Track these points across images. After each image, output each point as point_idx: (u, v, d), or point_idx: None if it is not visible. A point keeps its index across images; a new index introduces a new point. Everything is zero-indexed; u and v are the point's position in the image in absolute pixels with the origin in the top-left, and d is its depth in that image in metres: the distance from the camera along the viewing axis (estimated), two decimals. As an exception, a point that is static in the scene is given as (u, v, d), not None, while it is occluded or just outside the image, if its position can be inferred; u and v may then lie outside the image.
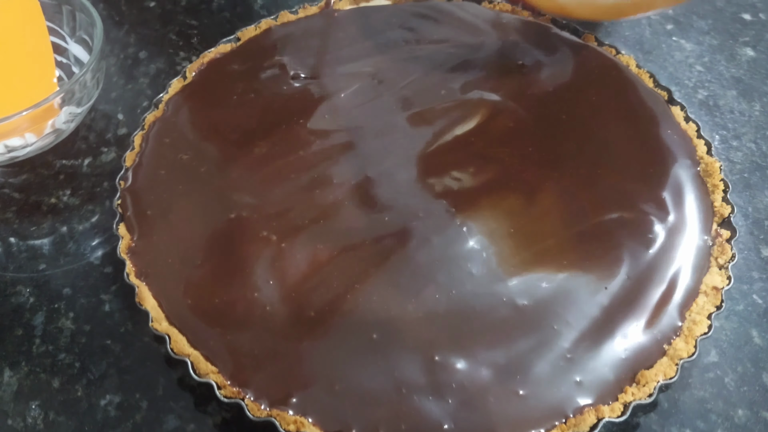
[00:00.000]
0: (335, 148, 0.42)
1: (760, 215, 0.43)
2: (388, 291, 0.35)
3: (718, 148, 0.47)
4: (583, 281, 0.36)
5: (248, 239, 0.38)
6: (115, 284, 0.40)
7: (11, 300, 0.39)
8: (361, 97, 0.46)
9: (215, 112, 0.44)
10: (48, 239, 0.42)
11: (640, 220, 0.39)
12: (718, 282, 0.36)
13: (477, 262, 0.37)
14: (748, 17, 0.57)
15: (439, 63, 0.48)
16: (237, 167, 0.41)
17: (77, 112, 0.43)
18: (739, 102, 0.50)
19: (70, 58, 0.48)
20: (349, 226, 0.38)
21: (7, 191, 0.44)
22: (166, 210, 0.39)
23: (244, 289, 0.35)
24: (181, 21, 0.55)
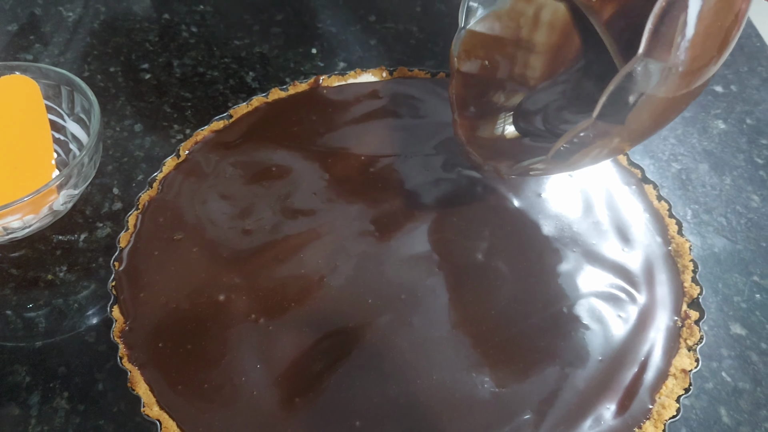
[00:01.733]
0: (322, 227, 0.44)
1: (730, 291, 0.45)
2: (371, 376, 0.37)
3: (691, 223, 0.49)
4: (558, 364, 0.38)
5: (236, 322, 0.39)
6: (108, 363, 0.41)
7: (8, 379, 0.40)
8: (349, 173, 0.48)
9: (207, 190, 0.46)
10: (44, 316, 0.44)
11: (612, 301, 0.41)
12: (687, 364, 0.38)
13: (456, 346, 0.38)
14: (720, 89, 0.59)
15: (422, 139, 0.50)
16: (227, 248, 0.43)
17: (75, 194, 0.45)
18: (711, 176, 0.52)
19: (67, 136, 0.50)
20: (334, 309, 0.40)
21: (5, 266, 0.46)
22: (159, 292, 0.41)
23: (232, 374, 0.37)
24: (176, 93, 0.58)
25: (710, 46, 0.33)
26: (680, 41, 0.32)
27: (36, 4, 0.67)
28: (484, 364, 0.38)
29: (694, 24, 0.32)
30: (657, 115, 0.36)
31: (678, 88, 0.34)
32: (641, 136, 0.38)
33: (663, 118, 0.37)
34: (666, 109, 0.36)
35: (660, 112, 0.36)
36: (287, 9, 0.67)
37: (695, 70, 0.34)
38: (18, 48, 0.62)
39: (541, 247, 0.44)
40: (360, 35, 0.64)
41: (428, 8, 0.68)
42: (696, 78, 0.34)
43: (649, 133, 0.38)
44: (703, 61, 0.34)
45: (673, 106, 0.36)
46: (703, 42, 0.33)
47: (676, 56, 0.32)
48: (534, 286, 0.41)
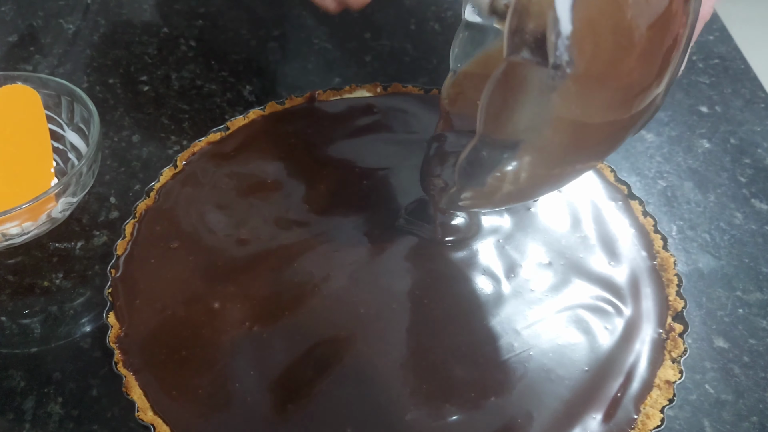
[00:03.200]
0: (316, 238, 0.45)
1: (713, 305, 0.46)
2: (363, 384, 0.38)
3: (675, 239, 0.50)
4: (544, 373, 0.39)
5: (231, 329, 0.40)
6: (103, 369, 0.42)
7: (3, 384, 0.41)
8: (343, 185, 0.49)
9: (203, 200, 0.47)
10: (40, 322, 0.44)
11: (599, 313, 0.42)
12: (671, 376, 0.39)
13: (448, 355, 0.39)
14: (705, 110, 0.61)
15: (416, 153, 0.51)
16: (222, 256, 0.44)
17: (73, 202, 0.46)
18: (695, 193, 0.54)
19: (66, 145, 0.50)
20: (326, 318, 0.41)
21: (2, 273, 0.47)
22: (155, 299, 0.41)
23: (226, 380, 0.38)
24: (174, 105, 0.58)
25: (613, 44, 0.30)
26: (555, 39, 0.29)
27: (36, 16, 0.68)
28: (474, 373, 0.38)
29: (569, 18, 0.29)
30: (568, 131, 0.33)
31: (578, 96, 0.31)
32: (563, 159, 0.35)
33: (581, 136, 0.34)
34: (579, 123, 0.33)
35: (572, 128, 0.33)
36: (284, 24, 0.68)
37: (598, 74, 0.31)
38: (18, 59, 0.63)
39: (529, 259, 0.45)
40: (355, 52, 0.66)
41: (422, 26, 0.69)
42: (606, 85, 0.31)
43: (572, 155, 0.36)
44: (608, 63, 0.31)
45: (590, 122, 0.33)
46: (597, 40, 0.30)
47: (557, 57, 0.29)
48: (523, 297, 0.42)
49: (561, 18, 0.29)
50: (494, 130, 0.33)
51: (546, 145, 0.34)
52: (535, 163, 0.35)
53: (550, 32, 0.29)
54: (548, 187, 0.41)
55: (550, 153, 0.35)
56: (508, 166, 0.35)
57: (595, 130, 0.34)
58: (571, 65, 0.29)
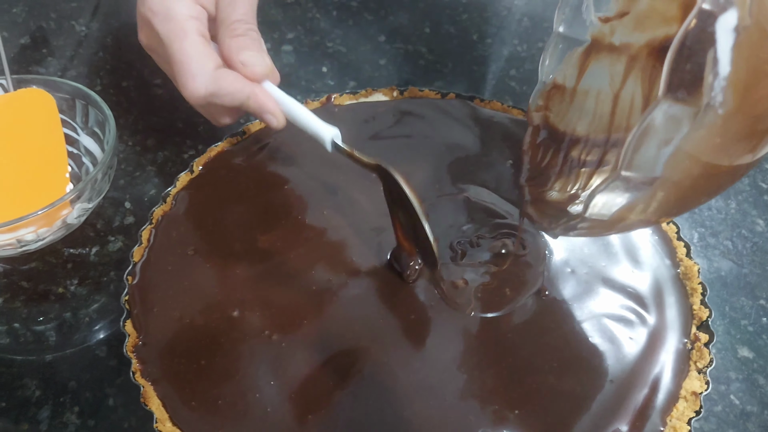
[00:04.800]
0: (333, 245, 0.44)
1: (737, 314, 0.46)
2: (384, 394, 0.37)
3: (697, 246, 0.49)
4: (569, 385, 0.38)
5: (250, 338, 0.39)
6: (119, 378, 0.41)
7: (18, 393, 0.40)
8: (358, 191, 0.48)
9: (220, 206, 0.47)
10: (54, 329, 0.44)
11: (623, 322, 0.41)
12: (697, 387, 0.38)
13: (469, 367, 0.38)
14: (725, 114, 0.60)
15: (434, 158, 0.51)
16: (240, 263, 0.43)
17: (88, 207, 0.45)
18: (717, 200, 0.53)
19: (81, 149, 0.50)
20: (346, 326, 0.40)
21: (16, 279, 0.46)
22: (172, 307, 0.41)
23: (246, 390, 0.37)
24: (188, 109, 0.57)
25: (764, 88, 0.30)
26: (713, 80, 0.29)
27: (48, 18, 0.67)
28: (498, 384, 0.38)
29: (729, 60, 0.29)
30: (704, 169, 0.33)
31: (725, 134, 0.31)
32: (692, 195, 0.35)
33: (713, 175, 0.34)
34: (714, 162, 0.33)
35: (708, 167, 0.33)
36: (298, 28, 0.68)
37: (749, 114, 0.30)
38: (30, 61, 0.62)
39: (553, 269, 0.44)
40: (370, 55, 0.65)
41: (437, 29, 0.68)
42: (758, 124, 0.31)
43: (702, 192, 0.35)
44: (756, 107, 0.30)
45: (724, 161, 0.33)
46: (752, 81, 0.29)
47: (711, 98, 0.29)
48: (545, 307, 0.42)
49: (721, 59, 0.29)
50: (637, 168, 0.33)
51: (682, 181, 0.34)
52: (667, 198, 0.35)
53: (708, 72, 0.29)
54: (668, 218, 0.40)
55: (684, 189, 0.34)
56: (640, 201, 0.35)
57: (726, 170, 0.34)
58: (723, 106, 0.29)
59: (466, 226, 0.46)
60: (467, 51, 0.67)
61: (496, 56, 0.66)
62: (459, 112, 0.54)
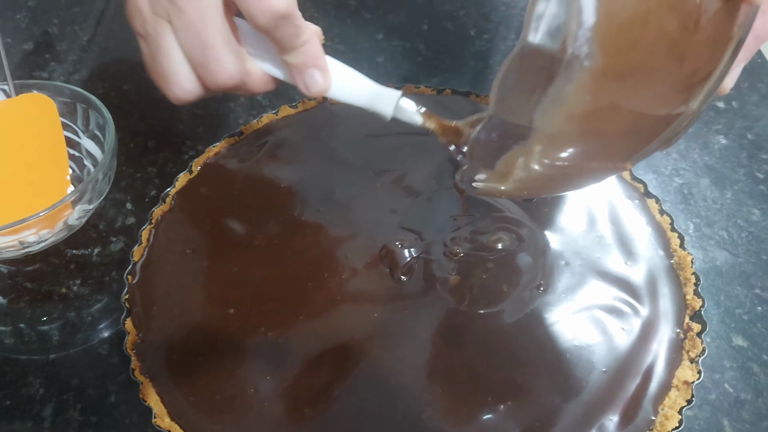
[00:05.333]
0: (329, 241, 0.45)
1: (732, 303, 0.46)
2: (379, 388, 0.38)
3: (693, 237, 0.50)
4: (562, 375, 0.39)
5: (246, 335, 0.40)
6: (121, 375, 0.42)
7: (22, 391, 0.41)
8: (355, 189, 0.49)
9: (218, 205, 0.47)
10: (58, 329, 0.44)
11: (616, 313, 0.42)
12: (689, 376, 0.39)
13: (463, 359, 0.39)
14: (722, 105, 0.60)
15: (430, 154, 0.51)
16: (237, 261, 0.44)
17: (89, 209, 0.46)
18: (712, 190, 0.53)
19: (82, 152, 0.51)
20: (340, 322, 0.41)
21: (20, 280, 0.47)
22: (171, 305, 0.42)
23: (243, 385, 0.38)
24: (188, 110, 0.59)
25: (636, 42, 0.29)
26: (576, 30, 0.28)
27: (51, 23, 0.69)
28: (492, 376, 0.38)
29: (594, 10, 0.28)
30: (580, 125, 0.32)
31: (592, 91, 0.30)
32: (574, 152, 0.34)
33: (594, 132, 0.33)
34: (591, 118, 0.32)
35: (584, 122, 0.32)
36: (296, 27, 0.68)
37: (617, 71, 0.29)
38: (33, 66, 0.64)
39: (548, 261, 0.44)
40: (368, 53, 0.66)
41: (435, 26, 0.69)
42: (624, 84, 0.30)
43: (584, 151, 0.34)
44: (628, 61, 0.29)
45: (603, 120, 0.32)
46: (620, 35, 0.28)
47: (575, 48, 0.28)
48: (539, 299, 0.42)
49: (584, 8, 0.27)
50: (505, 112, 0.33)
51: (557, 136, 0.33)
52: (546, 153, 0.34)
53: (571, 21, 0.28)
54: (564, 182, 0.39)
55: (561, 144, 0.33)
56: (519, 152, 0.34)
57: (610, 128, 0.33)
58: (589, 58, 0.28)
59: (463, 220, 0.47)
60: (465, 47, 0.67)
61: (494, 51, 0.67)
62: (455, 108, 0.55)
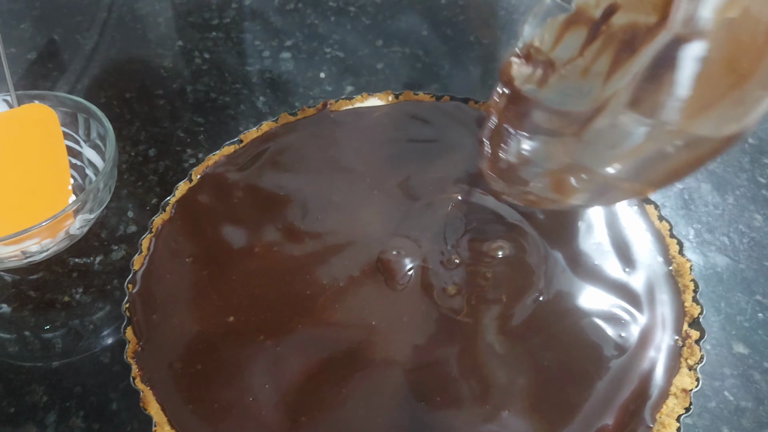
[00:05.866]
0: (327, 249, 0.45)
1: (732, 310, 0.46)
2: (376, 396, 0.38)
3: (693, 243, 0.50)
4: (559, 383, 0.39)
5: (246, 343, 0.40)
6: (122, 382, 0.42)
7: (26, 398, 0.42)
8: (354, 196, 0.49)
9: (218, 214, 0.48)
10: (61, 336, 0.45)
11: (614, 321, 0.41)
12: (688, 384, 0.39)
13: (461, 369, 0.39)
14: (723, 109, 0.60)
15: (430, 161, 0.51)
16: (236, 269, 0.44)
17: (90, 218, 0.46)
18: (713, 195, 0.53)
19: (84, 161, 0.51)
20: (339, 330, 0.41)
21: (24, 288, 0.48)
22: (171, 314, 0.42)
23: (242, 394, 0.38)
24: (189, 118, 0.59)
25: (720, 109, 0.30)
26: (666, 100, 0.30)
27: (54, 33, 0.69)
28: (488, 386, 0.38)
29: (690, 86, 0.29)
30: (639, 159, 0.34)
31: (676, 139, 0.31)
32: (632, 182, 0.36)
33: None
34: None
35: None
36: (296, 35, 0.69)
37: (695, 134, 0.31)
38: (37, 76, 0.64)
39: (537, 266, 0.44)
40: (367, 59, 0.66)
41: (434, 32, 0.69)
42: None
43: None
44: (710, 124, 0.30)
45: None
46: (704, 106, 0.30)
47: (665, 115, 0.30)
48: (538, 307, 0.42)
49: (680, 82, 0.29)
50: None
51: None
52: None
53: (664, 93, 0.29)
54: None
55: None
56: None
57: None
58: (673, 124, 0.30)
59: (463, 228, 0.47)
60: (465, 53, 0.67)
61: (494, 57, 0.67)
62: (454, 114, 0.55)
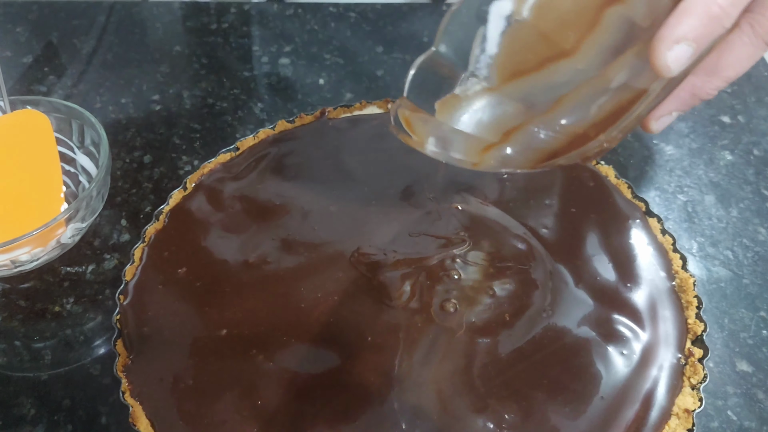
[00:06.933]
0: (323, 261, 0.44)
1: (736, 327, 0.45)
2: (370, 412, 0.37)
3: (696, 257, 0.49)
4: (559, 402, 0.38)
5: (237, 358, 0.39)
6: (112, 396, 0.41)
7: (14, 411, 0.41)
8: (351, 205, 0.48)
9: (212, 223, 0.47)
10: (51, 347, 0.44)
11: (615, 337, 0.41)
12: (690, 404, 0.38)
13: (458, 386, 0.38)
14: (727, 120, 0.59)
15: (430, 170, 0.50)
16: (229, 281, 0.43)
17: (82, 227, 0.46)
18: (717, 208, 0.52)
19: (77, 168, 0.50)
20: (333, 345, 0.40)
21: (14, 297, 0.47)
22: (162, 326, 0.41)
23: (233, 410, 0.37)
24: (185, 124, 0.58)
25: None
26: (479, 54, 0.33)
27: (51, 37, 0.68)
28: (487, 404, 0.37)
29: (497, 43, 0.32)
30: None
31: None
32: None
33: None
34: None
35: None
36: (295, 40, 0.68)
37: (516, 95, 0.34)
38: (32, 80, 0.63)
39: (543, 283, 0.43)
40: (367, 66, 0.65)
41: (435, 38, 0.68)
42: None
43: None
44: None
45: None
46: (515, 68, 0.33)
47: (476, 68, 0.34)
48: (536, 323, 0.41)
49: (489, 38, 0.32)
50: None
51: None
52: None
53: (476, 46, 0.33)
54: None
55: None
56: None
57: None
58: (488, 81, 0.34)
59: (464, 241, 0.46)
60: (466, 59, 0.66)
61: (495, 64, 0.66)
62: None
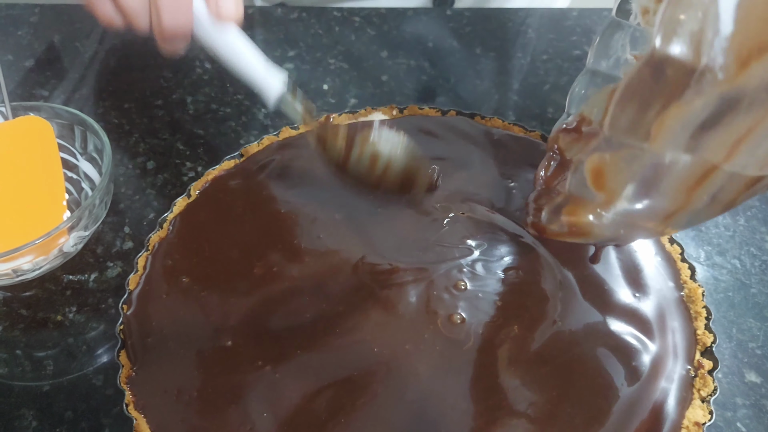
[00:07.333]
0: (328, 270, 0.44)
1: (744, 337, 0.44)
2: (376, 426, 0.36)
3: (704, 265, 0.48)
4: (568, 414, 0.37)
5: (243, 369, 0.39)
6: (115, 407, 0.41)
7: (15, 424, 0.40)
8: (357, 215, 0.48)
9: (216, 232, 0.46)
10: (53, 357, 0.44)
11: (624, 348, 0.40)
12: (700, 417, 0.37)
13: (466, 398, 0.38)
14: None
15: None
16: (235, 291, 0.43)
17: (85, 235, 0.45)
18: (724, 216, 0.52)
19: (80, 175, 0.50)
20: (339, 357, 0.39)
21: (16, 306, 0.46)
22: (166, 337, 0.40)
23: (239, 423, 0.37)
24: (189, 130, 0.58)
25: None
26: (712, 38, 0.26)
27: (53, 40, 0.68)
28: (496, 416, 0.37)
29: (732, 18, 0.25)
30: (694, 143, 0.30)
31: (720, 108, 0.28)
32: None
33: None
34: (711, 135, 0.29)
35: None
36: (299, 45, 0.67)
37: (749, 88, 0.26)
38: (34, 84, 0.63)
39: (553, 293, 0.43)
40: (372, 71, 0.65)
41: (440, 44, 0.68)
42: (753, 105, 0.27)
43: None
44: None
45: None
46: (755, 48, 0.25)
47: (711, 59, 0.26)
48: (545, 334, 0.41)
49: (722, 15, 0.25)
50: (621, 131, 0.30)
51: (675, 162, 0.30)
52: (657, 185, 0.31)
53: (707, 29, 0.25)
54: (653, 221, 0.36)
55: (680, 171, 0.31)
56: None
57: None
58: (724, 70, 0.26)
59: (472, 250, 0.45)
60: (470, 65, 0.66)
61: (499, 70, 0.66)
62: (459, 130, 0.54)
